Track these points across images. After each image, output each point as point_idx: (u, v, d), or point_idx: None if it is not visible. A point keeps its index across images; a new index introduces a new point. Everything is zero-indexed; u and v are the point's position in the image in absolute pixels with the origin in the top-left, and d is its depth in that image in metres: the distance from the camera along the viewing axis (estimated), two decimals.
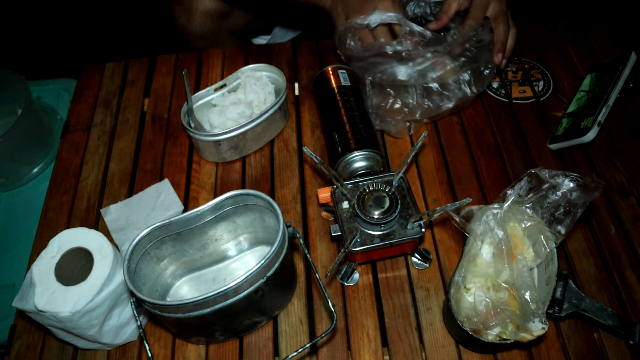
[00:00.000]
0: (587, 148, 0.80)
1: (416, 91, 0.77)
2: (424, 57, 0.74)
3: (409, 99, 0.78)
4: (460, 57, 0.75)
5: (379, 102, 0.79)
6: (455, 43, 0.75)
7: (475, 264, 0.60)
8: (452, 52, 0.75)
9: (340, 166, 0.72)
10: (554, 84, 0.89)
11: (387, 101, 0.78)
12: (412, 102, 0.78)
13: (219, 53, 0.96)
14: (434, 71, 0.75)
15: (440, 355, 0.62)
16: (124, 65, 0.96)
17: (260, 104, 0.82)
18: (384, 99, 0.78)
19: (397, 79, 0.75)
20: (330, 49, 0.96)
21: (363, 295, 0.67)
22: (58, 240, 0.59)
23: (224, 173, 0.80)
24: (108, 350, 0.65)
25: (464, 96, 0.78)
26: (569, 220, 0.59)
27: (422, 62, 0.74)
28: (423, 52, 0.73)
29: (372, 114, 0.79)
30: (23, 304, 0.56)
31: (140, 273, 0.58)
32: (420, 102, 0.78)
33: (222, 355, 0.64)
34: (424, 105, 0.78)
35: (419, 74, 0.74)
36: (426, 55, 0.74)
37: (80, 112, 0.90)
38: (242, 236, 0.67)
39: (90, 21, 1.89)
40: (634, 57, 0.80)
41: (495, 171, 0.79)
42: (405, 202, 0.65)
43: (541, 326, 0.54)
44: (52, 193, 0.80)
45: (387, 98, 0.78)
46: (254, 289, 0.55)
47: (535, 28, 0.98)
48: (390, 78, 0.75)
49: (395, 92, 0.78)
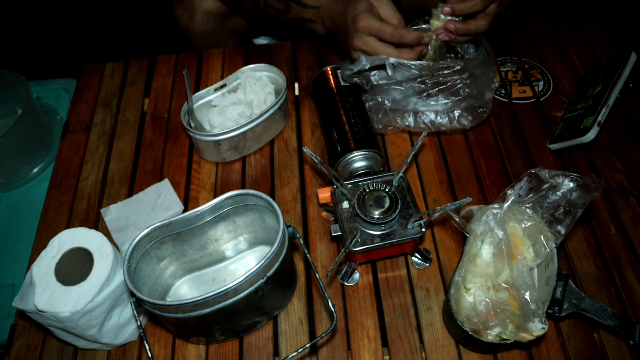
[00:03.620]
0: (587, 148, 0.80)
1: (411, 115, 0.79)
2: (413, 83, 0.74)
3: (404, 121, 0.79)
4: (456, 95, 0.74)
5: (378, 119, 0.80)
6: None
7: (475, 264, 0.60)
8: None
9: (340, 166, 0.72)
10: (554, 84, 0.89)
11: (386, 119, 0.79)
12: (407, 124, 0.79)
13: (219, 53, 0.96)
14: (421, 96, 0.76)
15: (440, 355, 0.62)
16: (124, 65, 0.96)
17: (260, 104, 0.82)
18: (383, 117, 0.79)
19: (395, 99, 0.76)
20: (330, 49, 0.96)
21: (363, 295, 0.67)
22: (58, 240, 0.59)
23: (224, 173, 0.80)
24: (108, 350, 0.65)
25: (456, 128, 0.79)
26: (569, 220, 0.59)
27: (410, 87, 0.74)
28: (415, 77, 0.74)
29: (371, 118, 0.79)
30: (23, 304, 0.57)
31: (140, 273, 0.58)
32: (416, 123, 0.79)
33: (222, 355, 0.64)
34: (420, 126, 0.79)
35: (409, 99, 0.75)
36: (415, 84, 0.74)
37: (80, 112, 0.90)
38: (242, 236, 0.67)
39: (90, 21, 1.89)
40: (634, 57, 0.80)
41: (495, 171, 0.79)
42: (405, 202, 0.65)
43: (541, 326, 0.54)
44: (52, 193, 0.80)
45: (386, 117, 0.79)
46: (254, 289, 0.55)
47: (535, 28, 0.98)
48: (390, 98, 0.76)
49: (392, 114, 0.79)
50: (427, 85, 0.73)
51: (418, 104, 0.75)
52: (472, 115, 0.78)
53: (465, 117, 0.77)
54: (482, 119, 0.78)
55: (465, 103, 0.75)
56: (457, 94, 0.74)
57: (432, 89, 0.74)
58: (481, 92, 0.75)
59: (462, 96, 0.74)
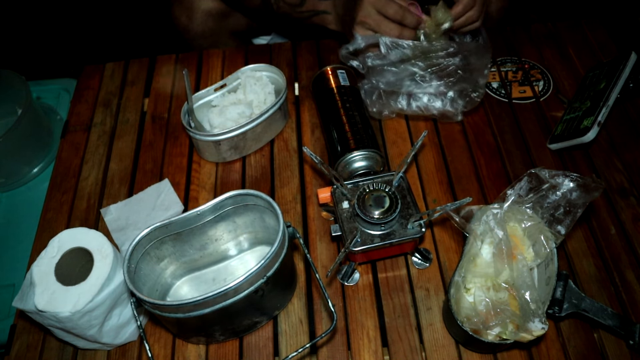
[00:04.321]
0: (587, 148, 0.80)
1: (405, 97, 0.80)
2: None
3: (397, 104, 0.80)
4: (450, 77, 0.75)
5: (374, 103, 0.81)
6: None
7: (475, 264, 0.60)
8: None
9: (340, 166, 0.72)
10: (554, 84, 0.89)
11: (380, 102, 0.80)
12: (400, 107, 0.80)
13: (219, 53, 0.96)
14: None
15: (440, 355, 0.62)
16: (124, 65, 0.96)
17: (260, 104, 0.82)
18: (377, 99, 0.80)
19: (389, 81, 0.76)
20: (330, 49, 0.96)
21: (363, 295, 0.67)
22: (58, 240, 0.59)
23: (224, 173, 0.80)
24: (108, 350, 0.65)
25: (448, 111, 0.79)
26: (569, 220, 0.59)
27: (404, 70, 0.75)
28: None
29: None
30: (23, 304, 0.56)
31: (140, 273, 0.58)
32: (408, 106, 0.80)
33: (222, 355, 0.64)
34: (412, 109, 0.80)
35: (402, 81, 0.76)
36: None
37: (80, 112, 0.90)
38: (242, 236, 0.67)
39: (90, 21, 1.89)
40: (634, 57, 0.80)
41: (495, 171, 0.79)
42: (405, 202, 0.65)
43: (541, 326, 0.54)
44: (52, 193, 0.80)
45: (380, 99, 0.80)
46: (254, 289, 0.55)
47: (535, 28, 0.98)
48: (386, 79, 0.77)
49: (386, 97, 0.79)
50: (420, 67, 0.75)
51: (411, 86, 0.76)
52: (465, 100, 0.78)
53: (457, 101, 0.78)
54: (475, 105, 0.79)
55: (458, 86, 0.76)
56: (450, 76, 0.75)
57: (425, 71, 0.75)
58: (475, 77, 0.76)
59: (455, 79, 0.75)
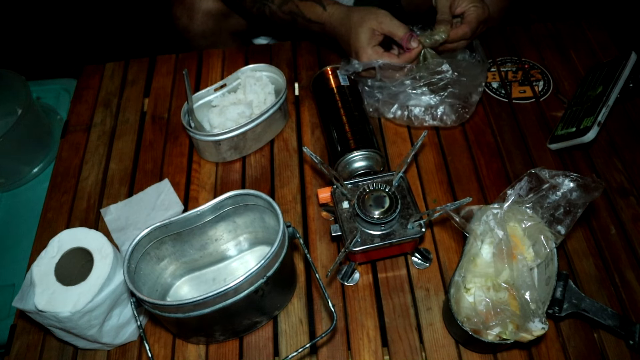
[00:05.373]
0: (587, 148, 0.80)
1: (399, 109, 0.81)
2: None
3: (390, 113, 0.82)
4: (442, 91, 0.77)
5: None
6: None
7: (475, 264, 0.60)
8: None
9: (340, 166, 0.72)
10: (554, 84, 0.89)
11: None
12: (392, 116, 0.82)
13: (219, 53, 0.96)
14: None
15: (440, 355, 0.62)
16: (124, 65, 0.96)
17: (260, 104, 0.82)
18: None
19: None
20: (330, 49, 0.96)
21: (363, 295, 0.67)
22: (58, 240, 0.59)
23: (224, 173, 0.80)
24: (108, 350, 0.65)
25: (440, 125, 0.81)
26: (569, 220, 0.59)
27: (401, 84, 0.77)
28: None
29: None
30: (23, 304, 0.56)
31: (140, 273, 0.58)
32: (401, 116, 0.81)
33: (222, 355, 0.64)
34: (404, 119, 0.82)
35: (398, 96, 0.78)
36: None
37: (80, 112, 0.90)
38: (242, 236, 0.67)
39: (90, 21, 1.89)
40: (634, 57, 0.80)
41: (495, 171, 0.79)
42: (405, 202, 0.65)
43: (541, 326, 0.54)
44: (52, 193, 0.80)
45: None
46: (254, 289, 0.55)
47: (535, 28, 0.98)
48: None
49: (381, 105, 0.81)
50: (414, 82, 0.76)
51: (405, 99, 0.78)
52: (455, 114, 0.79)
53: (448, 116, 0.80)
54: (463, 120, 0.80)
55: (449, 102, 0.78)
56: (442, 91, 0.77)
57: (419, 85, 0.76)
58: (467, 94, 0.78)
59: (446, 95, 0.77)
